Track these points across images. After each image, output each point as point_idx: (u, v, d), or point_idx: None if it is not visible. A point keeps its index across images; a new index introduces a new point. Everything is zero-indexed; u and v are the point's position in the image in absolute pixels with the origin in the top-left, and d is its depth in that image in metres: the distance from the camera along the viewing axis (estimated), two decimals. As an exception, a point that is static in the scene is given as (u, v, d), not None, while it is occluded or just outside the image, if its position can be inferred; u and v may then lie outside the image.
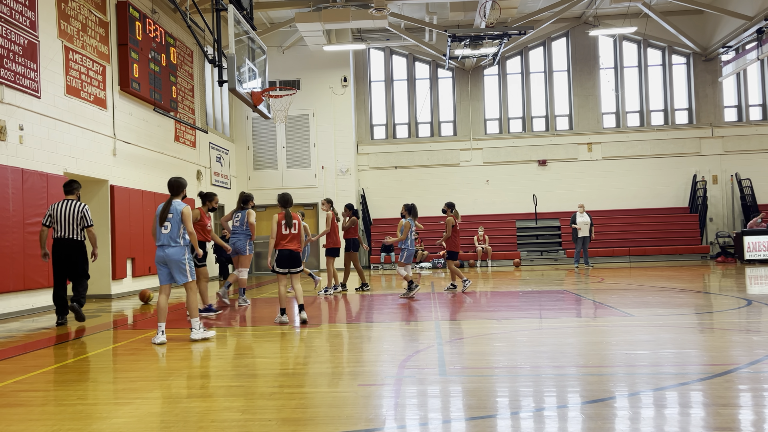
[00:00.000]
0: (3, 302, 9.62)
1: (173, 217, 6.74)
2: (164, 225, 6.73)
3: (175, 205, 6.79)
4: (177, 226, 6.75)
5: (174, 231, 6.74)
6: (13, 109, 9.97)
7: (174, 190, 6.92)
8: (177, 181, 6.96)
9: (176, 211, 6.76)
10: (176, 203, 6.81)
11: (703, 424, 3.46)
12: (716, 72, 21.53)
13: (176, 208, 6.76)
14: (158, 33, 14.88)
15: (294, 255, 8.15)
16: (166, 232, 6.73)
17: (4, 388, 4.78)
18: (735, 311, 7.88)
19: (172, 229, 6.74)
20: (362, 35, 21.89)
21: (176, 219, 6.75)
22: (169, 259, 6.74)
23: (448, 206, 11.87)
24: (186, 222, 6.75)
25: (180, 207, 6.78)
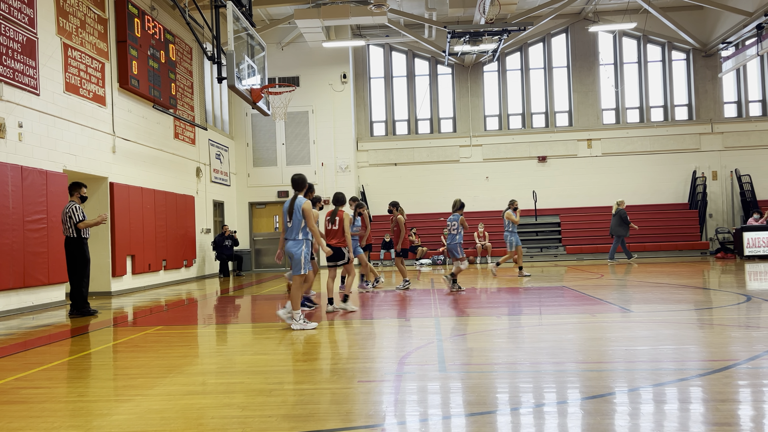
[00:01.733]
0: (3, 299, 9.63)
1: (296, 212, 7.05)
2: (289, 220, 7.08)
3: (298, 200, 7.08)
4: (298, 221, 7.05)
5: (294, 225, 7.08)
6: (12, 106, 9.96)
7: (297, 185, 7.23)
8: (300, 177, 7.27)
9: (298, 207, 7.04)
10: (299, 199, 7.10)
11: (702, 419, 3.46)
12: (716, 68, 21.51)
13: (298, 204, 7.06)
14: (157, 30, 14.86)
15: (335, 249, 8.51)
16: (290, 226, 7.10)
17: (4, 385, 4.79)
18: (734, 307, 7.88)
19: (293, 223, 7.07)
20: (361, 32, 21.84)
21: (298, 214, 7.05)
22: (288, 251, 7.10)
23: (393, 205, 11.94)
24: (306, 218, 7.01)
25: (301, 203, 7.05)
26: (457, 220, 10.84)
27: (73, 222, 9.15)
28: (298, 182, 7.24)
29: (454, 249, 10.91)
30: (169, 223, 15.33)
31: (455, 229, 10.91)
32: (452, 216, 10.97)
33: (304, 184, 7.24)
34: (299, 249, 7.06)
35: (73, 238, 9.20)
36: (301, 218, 7.04)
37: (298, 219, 7.05)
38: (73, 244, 9.22)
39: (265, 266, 21.29)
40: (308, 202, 7.07)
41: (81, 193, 9.39)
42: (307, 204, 7.04)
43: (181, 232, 16.07)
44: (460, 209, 10.93)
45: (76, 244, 9.22)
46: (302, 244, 7.08)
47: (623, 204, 17.81)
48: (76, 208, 9.19)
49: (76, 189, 9.39)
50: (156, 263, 14.66)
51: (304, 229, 7.07)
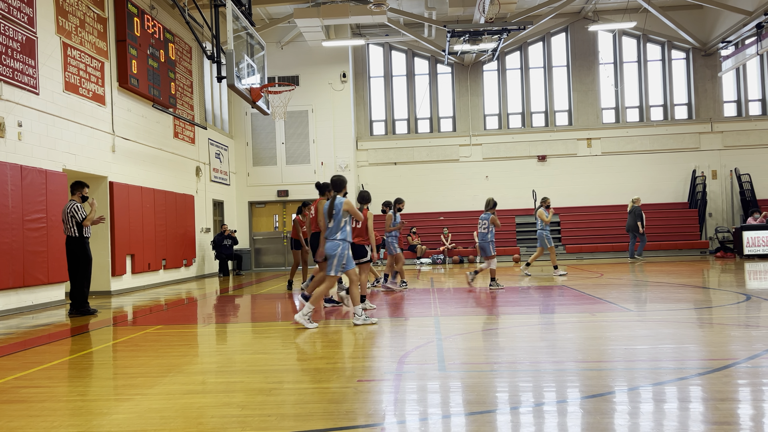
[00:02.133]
0: (3, 299, 9.63)
1: (336, 212, 7.14)
2: (331, 220, 7.17)
3: (338, 200, 7.17)
4: (337, 222, 7.14)
5: (335, 225, 7.16)
6: (11, 105, 9.95)
7: (337, 186, 7.31)
8: (339, 178, 7.36)
9: (338, 206, 7.13)
10: (339, 199, 7.19)
11: (701, 418, 3.46)
12: (716, 67, 21.51)
13: (338, 204, 7.14)
14: (157, 29, 14.85)
15: (356, 247, 8.64)
16: (330, 226, 7.19)
17: (4, 384, 4.79)
18: (734, 306, 7.89)
19: (333, 224, 7.17)
20: (361, 31, 21.83)
21: (338, 215, 7.13)
22: (327, 251, 7.19)
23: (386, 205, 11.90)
24: (352, 212, 7.13)
25: (341, 203, 7.15)
26: (488, 219, 11.06)
27: (75, 221, 9.14)
28: (338, 183, 7.32)
29: (486, 247, 11.13)
30: (169, 223, 15.33)
31: (486, 227, 11.09)
32: (484, 215, 11.18)
33: (343, 185, 7.31)
34: (336, 250, 7.12)
35: (74, 238, 9.20)
36: (341, 218, 7.12)
37: (339, 218, 7.14)
38: (75, 243, 9.21)
39: (264, 265, 21.29)
40: (349, 201, 7.19)
41: (83, 193, 9.39)
42: (348, 202, 7.15)
43: (180, 232, 16.07)
44: (492, 208, 11.18)
45: (77, 243, 9.22)
46: (340, 246, 7.13)
47: (639, 201, 17.81)
48: (78, 207, 9.20)
49: (78, 188, 9.38)
50: (156, 262, 14.66)
51: (343, 230, 7.15)
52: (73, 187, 9.42)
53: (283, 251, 21.22)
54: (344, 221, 7.15)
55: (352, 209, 7.16)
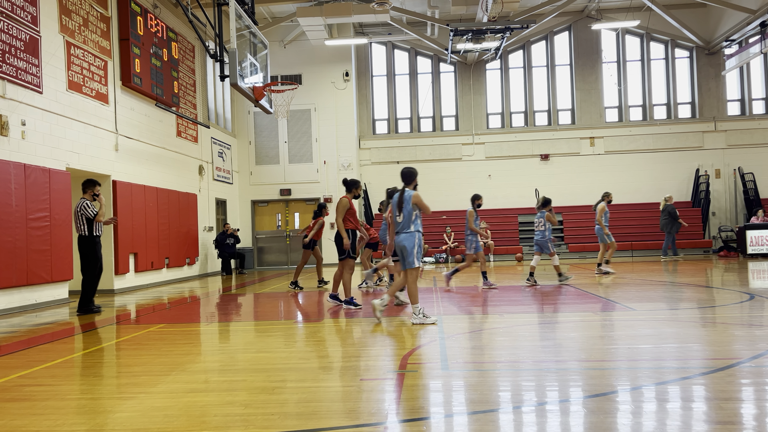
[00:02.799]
0: (6, 297, 9.65)
1: (406, 204, 7.09)
2: (400, 214, 7.14)
3: (407, 193, 7.13)
4: (408, 214, 7.10)
5: (405, 218, 7.13)
6: (15, 104, 9.97)
7: (406, 178, 7.28)
8: (409, 170, 7.32)
9: (407, 199, 7.08)
10: (408, 192, 7.14)
11: (705, 418, 3.46)
12: (719, 66, 21.45)
13: (407, 196, 7.10)
14: (159, 28, 14.86)
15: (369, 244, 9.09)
16: (400, 220, 7.15)
17: (7, 382, 4.80)
18: (737, 305, 7.87)
19: (403, 216, 7.13)
20: (364, 29, 21.83)
21: (407, 207, 7.08)
22: (399, 245, 7.15)
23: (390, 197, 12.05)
24: (419, 204, 7.07)
25: (410, 195, 7.11)
26: (543, 217, 11.25)
27: (85, 219, 9.10)
28: (407, 175, 7.29)
29: (544, 245, 11.34)
30: (172, 221, 15.35)
31: (542, 225, 11.29)
32: (539, 213, 11.38)
33: (412, 178, 7.27)
34: (412, 241, 7.08)
35: (84, 236, 9.19)
36: (411, 210, 7.09)
37: (409, 211, 7.10)
38: (84, 242, 9.20)
39: (267, 264, 21.31)
40: (417, 194, 7.14)
41: (94, 191, 9.37)
42: (416, 195, 7.11)
43: (183, 230, 16.09)
44: (545, 206, 11.32)
45: (86, 242, 9.20)
46: (415, 237, 7.10)
47: (671, 200, 17.70)
48: (88, 204, 9.20)
49: (89, 186, 9.34)
50: (159, 261, 14.69)
51: (416, 221, 7.12)
52: (84, 186, 9.41)
53: (286, 250, 21.24)
54: (415, 213, 7.08)
55: (420, 202, 7.08)
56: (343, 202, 8.60)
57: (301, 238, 12.73)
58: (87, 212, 9.13)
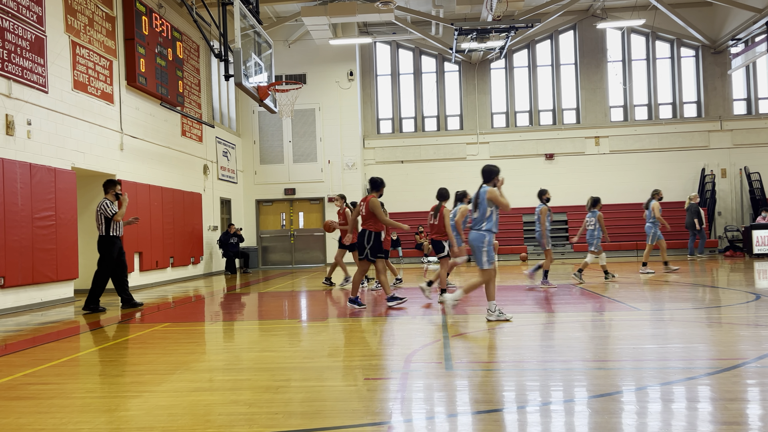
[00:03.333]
0: (12, 296, 9.69)
1: (481, 201, 7.02)
2: (476, 210, 7.10)
3: (482, 189, 7.07)
4: (482, 211, 7.02)
5: (479, 216, 7.04)
6: (20, 104, 10.01)
7: (486, 176, 7.20)
8: (488, 168, 7.26)
9: (482, 196, 7.01)
10: (483, 188, 7.08)
11: (710, 418, 3.44)
12: (725, 65, 21.36)
13: (482, 193, 7.03)
14: (164, 27, 14.89)
15: (434, 242, 9.05)
16: (475, 216, 7.10)
17: (13, 381, 4.82)
18: (743, 305, 7.83)
19: (478, 214, 7.07)
20: (368, 29, 21.82)
21: (483, 204, 7.00)
22: (471, 243, 7.09)
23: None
24: (496, 201, 6.96)
25: (484, 191, 7.04)
26: (595, 216, 11.42)
27: (104, 218, 9.21)
28: (487, 173, 7.20)
29: (594, 243, 11.53)
30: (177, 221, 15.39)
31: (593, 224, 11.46)
32: (590, 213, 11.54)
33: (491, 176, 7.18)
34: (483, 241, 6.97)
35: (102, 236, 9.30)
36: (486, 207, 6.98)
37: (484, 208, 7.00)
38: (102, 241, 9.31)
39: (272, 263, 21.34)
40: (493, 190, 7.02)
41: (116, 191, 9.52)
42: (492, 191, 6.99)
43: (188, 230, 16.12)
44: (596, 205, 11.52)
45: (103, 241, 9.30)
46: (486, 236, 6.97)
47: (696, 198, 17.60)
48: (108, 204, 9.30)
49: (110, 187, 9.52)
50: (163, 260, 14.72)
51: (489, 220, 6.99)
52: (106, 186, 9.57)
53: (290, 249, 21.26)
54: (490, 210, 6.98)
55: (496, 198, 6.95)
56: (376, 201, 8.49)
57: None
58: (106, 212, 9.24)
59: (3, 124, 9.60)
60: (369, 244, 8.55)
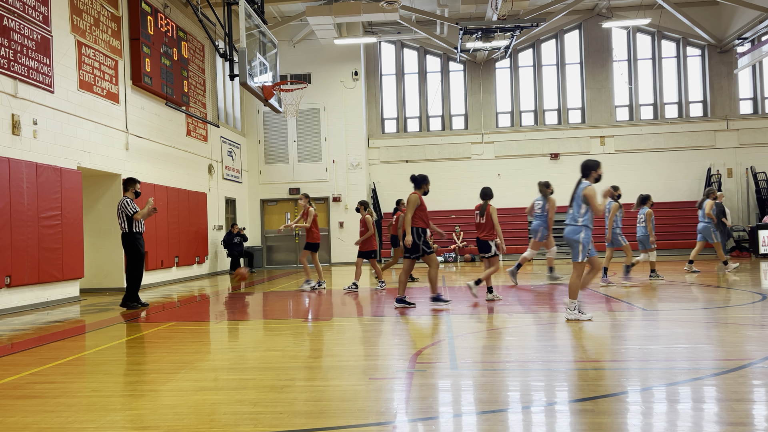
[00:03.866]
0: (18, 295, 9.74)
1: (576, 197, 7.05)
2: (571, 205, 7.12)
3: (582, 184, 7.08)
4: (577, 206, 7.04)
5: (574, 210, 7.06)
6: (26, 103, 10.05)
7: (584, 171, 7.23)
8: (585, 162, 7.29)
9: (579, 192, 7.03)
10: (583, 183, 7.09)
11: (716, 419, 3.43)
12: (731, 64, 21.26)
13: (579, 189, 7.05)
14: (170, 27, 14.93)
15: (481, 242, 9.07)
16: (570, 211, 7.12)
17: (19, 379, 4.84)
18: (749, 306, 7.80)
19: (573, 208, 7.09)
20: (373, 28, 21.82)
21: (578, 200, 7.03)
22: (565, 236, 7.11)
23: (362, 205, 11.72)
24: (590, 201, 6.94)
25: (582, 187, 7.04)
26: (644, 213, 11.66)
27: (125, 216, 9.35)
28: (585, 168, 7.19)
29: (645, 240, 11.69)
30: (182, 220, 15.42)
31: (643, 221, 11.70)
32: (641, 210, 11.80)
33: (589, 170, 7.18)
34: (578, 235, 6.94)
35: (126, 233, 9.43)
36: (581, 203, 6.99)
37: (578, 204, 7.01)
38: (126, 238, 9.45)
39: (276, 263, 21.36)
40: (591, 187, 7.00)
41: (136, 189, 9.69)
42: (589, 189, 6.96)
43: (193, 229, 16.16)
44: (645, 202, 11.80)
45: (128, 238, 9.44)
46: (582, 231, 6.93)
47: (721, 197, 17.48)
48: (128, 202, 9.44)
49: (130, 185, 9.69)
50: (168, 260, 14.76)
51: (585, 215, 6.98)
52: (126, 184, 9.74)
53: (295, 249, 21.28)
54: (586, 207, 6.94)
55: (590, 197, 6.90)
56: (413, 198, 8.34)
57: None
58: (126, 210, 9.37)
59: (9, 123, 9.64)
60: (420, 240, 8.31)
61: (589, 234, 6.97)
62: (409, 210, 8.31)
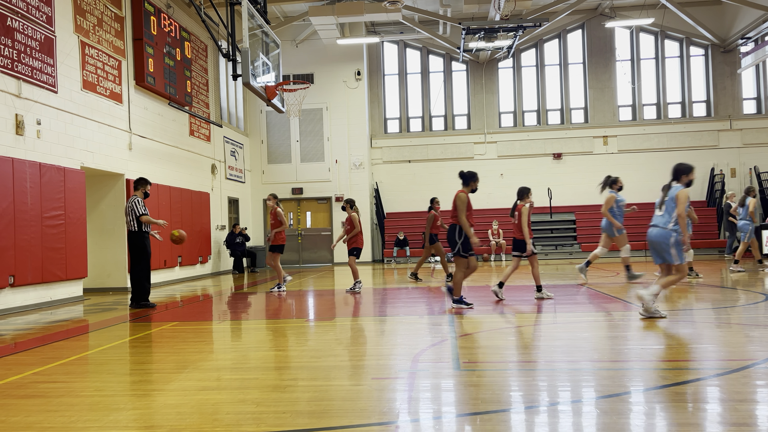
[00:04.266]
0: (21, 295, 9.76)
1: (669, 200, 6.92)
2: (660, 207, 6.98)
3: (673, 188, 6.96)
4: (670, 210, 6.88)
5: (666, 213, 6.90)
6: (30, 104, 10.07)
7: (674, 174, 7.07)
8: (677, 166, 7.12)
9: (671, 195, 6.92)
10: (674, 187, 6.97)
11: (719, 419, 3.42)
12: (735, 63, 21.20)
13: (672, 192, 6.93)
14: (173, 27, 14.95)
15: (516, 241, 9.19)
16: (659, 214, 6.97)
17: (23, 379, 4.85)
18: (752, 306, 7.78)
19: (665, 212, 6.92)
20: (376, 28, 21.82)
21: (670, 203, 6.90)
22: (655, 239, 6.92)
23: (348, 203, 11.38)
24: (677, 204, 6.81)
25: (675, 189, 6.91)
26: (746, 207, 12.13)
27: (135, 215, 9.42)
28: (675, 171, 7.05)
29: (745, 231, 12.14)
30: (185, 220, 15.44)
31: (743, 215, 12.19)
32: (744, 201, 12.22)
33: (679, 174, 7.02)
34: (668, 239, 6.79)
35: (134, 232, 9.49)
36: (673, 207, 6.83)
37: (671, 208, 6.85)
38: (134, 237, 9.51)
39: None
40: (684, 190, 6.86)
41: (145, 189, 9.76)
42: (681, 192, 6.82)
43: (196, 229, 16.18)
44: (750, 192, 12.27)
45: (136, 237, 9.49)
46: (672, 235, 6.78)
47: (733, 197, 17.45)
48: (138, 202, 9.50)
49: (141, 185, 9.77)
50: (171, 259, 14.78)
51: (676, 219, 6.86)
52: (136, 184, 9.80)
53: (297, 248, 21.30)
54: None
55: (680, 202, 6.77)
56: (462, 197, 8.11)
57: None
58: (135, 209, 9.44)
59: (13, 123, 9.67)
60: (460, 239, 8.07)
61: (677, 239, 6.80)
62: (462, 210, 8.03)
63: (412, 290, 10.93)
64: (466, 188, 8.29)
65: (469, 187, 8.31)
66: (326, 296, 10.78)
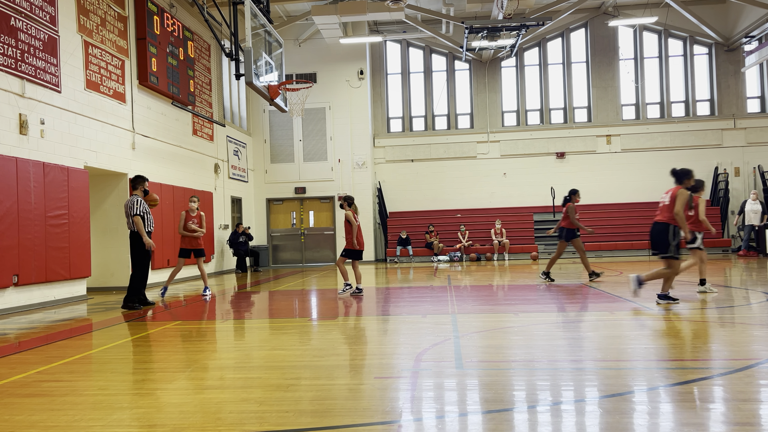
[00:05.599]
0: (25, 294, 9.79)
1: None
2: None
3: None
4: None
5: None
6: (34, 103, 10.10)
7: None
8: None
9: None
10: None
11: (723, 419, 3.41)
12: (739, 62, 21.15)
13: None
14: (176, 27, 14.97)
15: None
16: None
17: (26, 378, 4.87)
18: (757, 305, 7.76)
19: None
20: (379, 28, 21.82)
21: None
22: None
23: (346, 200, 10.53)
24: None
25: None
26: None
27: (132, 213, 9.34)
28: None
29: None
30: (188, 219, 15.44)
31: None
32: None
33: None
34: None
35: (134, 232, 9.40)
36: None
37: None
38: (134, 237, 9.42)
39: (282, 262, 21.40)
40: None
41: (144, 187, 9.63)
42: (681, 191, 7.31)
43: (199, 228, 16.17)
44: None
45: (136, 237, 9.40)
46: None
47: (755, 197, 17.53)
48: (137, 201, 9.40)
49: (139, 183, 9.63)
50: (175, 259, 14.78)
51: None
52: (134, 182, 9.68)
53: (300, 248, 21.31)
54: None
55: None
56: (686, 193, 7.59)
57: None
58: (134, 209, 9.32)
59: (17, 123, 9.69)
60: (675, 240, 7.63)
61: None
62: (680, 203, 7.48)
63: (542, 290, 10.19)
64: (680, 185, 7.71)
65: (683, 185, 7.69)
66: (329, 295, 10.77)
